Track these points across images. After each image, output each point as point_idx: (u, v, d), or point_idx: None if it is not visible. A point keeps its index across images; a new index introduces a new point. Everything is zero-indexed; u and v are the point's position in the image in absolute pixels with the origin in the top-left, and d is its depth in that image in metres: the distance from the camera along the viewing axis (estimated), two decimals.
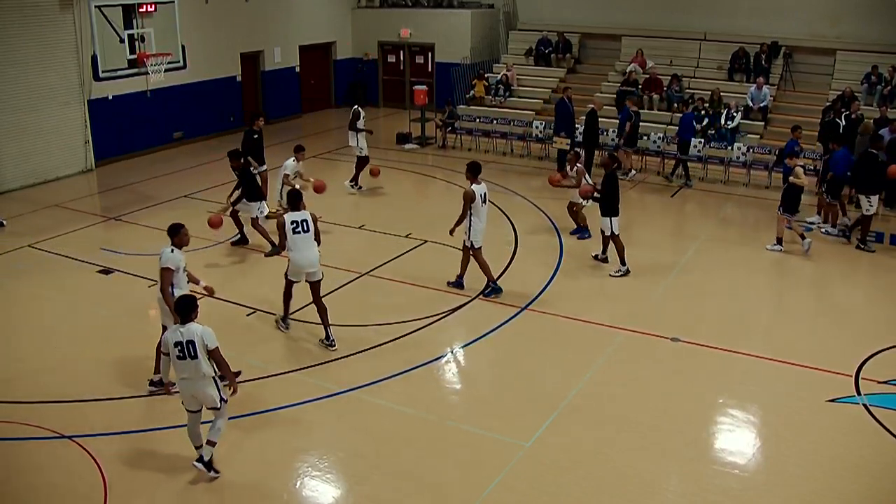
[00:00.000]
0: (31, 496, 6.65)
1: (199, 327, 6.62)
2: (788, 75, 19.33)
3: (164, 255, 7.87)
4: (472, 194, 10.05)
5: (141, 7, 15.00)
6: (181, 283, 7.99)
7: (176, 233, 7.98)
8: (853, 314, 10.54)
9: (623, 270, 11.27)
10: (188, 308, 6.66)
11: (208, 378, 6.65)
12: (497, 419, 7.74)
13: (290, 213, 9.19)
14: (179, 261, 7.91)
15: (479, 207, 10.14)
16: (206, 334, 6.58)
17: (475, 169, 10.18)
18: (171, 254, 7.88)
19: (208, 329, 6.63)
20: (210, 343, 6.56)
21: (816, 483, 6.85)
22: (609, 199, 11.16)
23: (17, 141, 15.57)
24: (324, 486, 6.85)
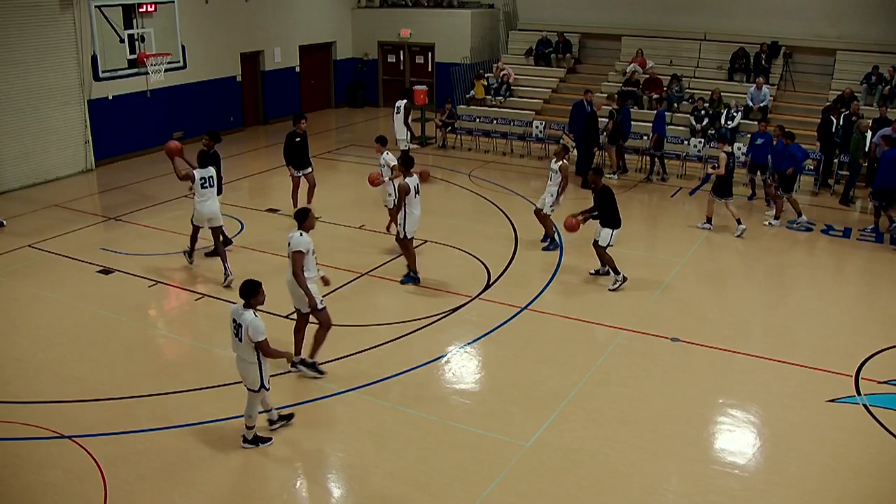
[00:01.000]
0: (31, 496, 6.65)
1: (251, 317, 6.86)
2: (788, 75, 19.33)
3: (294, 239, 8.15)
4: (407, 187, 10.38)
5: (141, 7, 15.02)
6: (310, 265, 8.26)
7: (304, 217, 8.29)
8: (853, 314, 10.53)
9: (620, 280, 10.79)
10: (249, 292, 6.91)
11: (251, 364, 6.96)
12: (497, 419, 7.74)
13: (199, 170, 10.81)
14: (309, 244, 8.18)
15: (412, 199, 10.49)
16: (254, 326, 6.81)
17: (408, 162, 10.56)
18: (300, 237, 8.16)
19: (258, 322, 6.84)
20: (254, 336, 6.81)
21: (816, 483, 6.85)
22: (608, 213, 10.73)
23: (17, 141, 15.57)
24: (324, 485, 6.85)
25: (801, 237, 13.26)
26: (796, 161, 13.55)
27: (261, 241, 12.66)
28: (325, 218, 13.73)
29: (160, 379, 8.49)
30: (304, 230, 8.23)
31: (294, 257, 8.09)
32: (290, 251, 8.15)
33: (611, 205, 10.74)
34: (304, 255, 8.08)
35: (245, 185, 16.46)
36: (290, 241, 8.19)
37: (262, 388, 7.06)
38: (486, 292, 10.77)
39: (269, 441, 7.33)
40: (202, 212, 10.87)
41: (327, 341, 8.55)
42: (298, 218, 8.32)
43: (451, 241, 12.64)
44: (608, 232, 10.76)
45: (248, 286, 6.95)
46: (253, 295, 6.91)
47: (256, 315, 6.90)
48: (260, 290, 6.98)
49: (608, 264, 10.86)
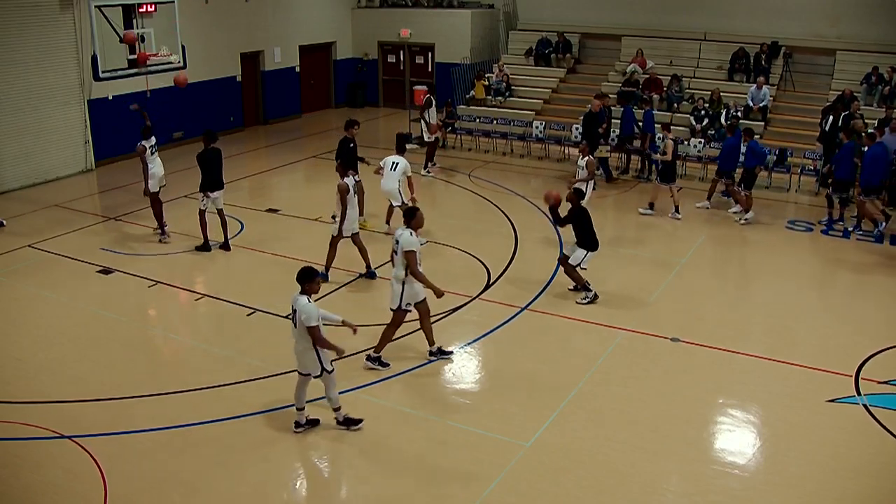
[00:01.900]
0: (31, 496, 6.65)
1: (304, 302, 7.00)
2: (788, 75, 19.33)
3: (404, 238, 8.30)
4: (347, 186, 10.57)
5: (141, 7, 15.00)
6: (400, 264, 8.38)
7: (413, 216, 8.46)
8: (853, 314, 10.53)
9: (591, 297, 10.42)
10: (304, 278, 7.07)
11: (307, 350, 7.10)
12: (497, 419, 7.74)
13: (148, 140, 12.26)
14: (418, 242, 8.38)
15: (352, 198, 10.68)
16: (306, 312, 6.94)
17: (350, 164, 10.84)
18: (410, 237, 8.29)
19: (311, 308, 6.97)
20: (306, 321, 6.93)
21: (816, 483, 6.85)
22: (584, 234, 10.40)
23: (17, 141, 15.57)
24: (324, 485, 6.85)
25: (802, 238, 13.26)
26: (757, 157, 13.79)
27: (261, 241, 12.65)
28: (325, 218, 13.73)
29: (160, 379, 8.49)
30: (413, 229, 8.38)
31: (407, 257, 8.25)
32: (400, 250, 8.28)
33: (586, 226, 10.39)
34: (416, 254, 8.25)
35: (245, 185, 16.45)
36: (399, 239, 8.31)
37: (323, 371, 7.18)
38: (486, 292, 10.77)
39: (359, 423, 7.50)
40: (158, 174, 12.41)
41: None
42: (407, 216, 8.48)
43: (451, 241, 12.64)
44: (582, 253, 10.42)
45: (303, 272, 7.10)
46: (308, 281, 7.07)
47: (310, 301, 7.00)
48: (316, 277, 7.13)
49: (576, 282, 10.55)
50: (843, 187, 13.43)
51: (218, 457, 7.16)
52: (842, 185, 13.42)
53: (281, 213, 14.23)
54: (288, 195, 15.80)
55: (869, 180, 12.95)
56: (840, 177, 13.36)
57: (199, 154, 11.93)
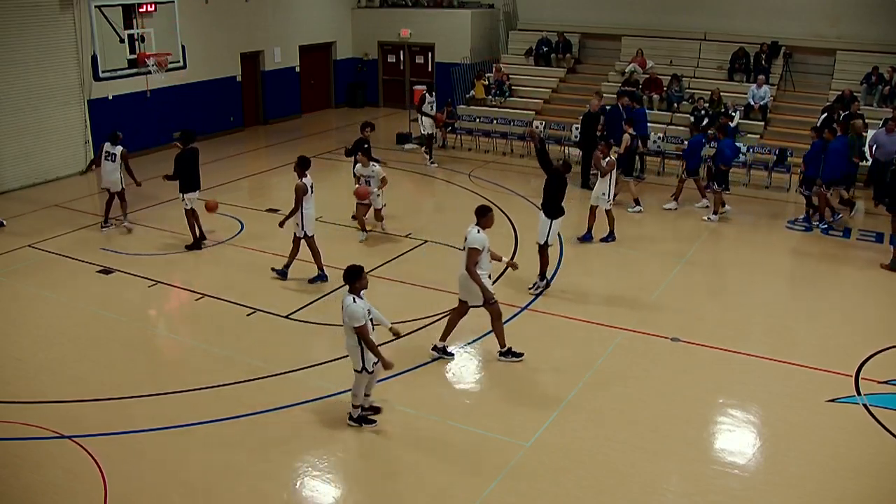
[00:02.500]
0: (31, 496, 6.65)
1: (349, 302, 7.09)
2: (788, 75, 19.32)
3: (471, 235, 8.37)
4: (304, 187, 10.58)
5: (141, 7, 15.01)
6: (484, 263, 8.49)
7: (484, 215, 8.53)
8: (853, 314, 10.53)
9: (541, 286, 10.63)
10: (350, 276, 7.16)
11: (354, 346, 7.20)
12: (497, 419, 7.74)
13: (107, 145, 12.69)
14: (485, 241, 8.41)
15: (310, 198, 10.73)
16: (351, 311, 7.04)
17: (304, 163, 10.77)
18: (477, 234, 8.35)
19: (354, 307, 7.05)
20: (351, 321, 7.03)
21: (816, 483, 6.85)
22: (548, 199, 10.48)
23: (17, 141, 15.57)
24: (324, 486, 6.85)
25: (801, 237, 13.26)
26: (724, 157, 13.89)
27: (261, 241, 12.65)
28: (325, 218, 13.74)
29: (160, 379, 8.49)
30: (482, 227, 8.46)
31: (469, 253, 8.34)
32: (465, 246, 8.36)
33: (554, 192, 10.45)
34: (479, 252, 8.32)
35: (245, 185, 16.45)
36: (468, 236, 8.44)
37: (363, 370, 7.24)
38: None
39: (373, 423, 7.55)
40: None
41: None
42: (480, 214, 8.56)
43: (451, 241, 12.63)
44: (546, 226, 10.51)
45: (349, 271, 7.18)
46: (354, 280, 7.14)
47: (356, 300, 7.07)
48: (361, 275, 7.19)
49: (542, 266, 10.60)
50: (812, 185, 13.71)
51: (218, 457, 7.16)
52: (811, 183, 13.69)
53: (281, 213, 14.19)
54: (288, 195, 15.71)
55: (831, 174, 13.39)
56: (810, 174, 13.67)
57: (178, 155, 12.03)
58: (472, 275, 8.40)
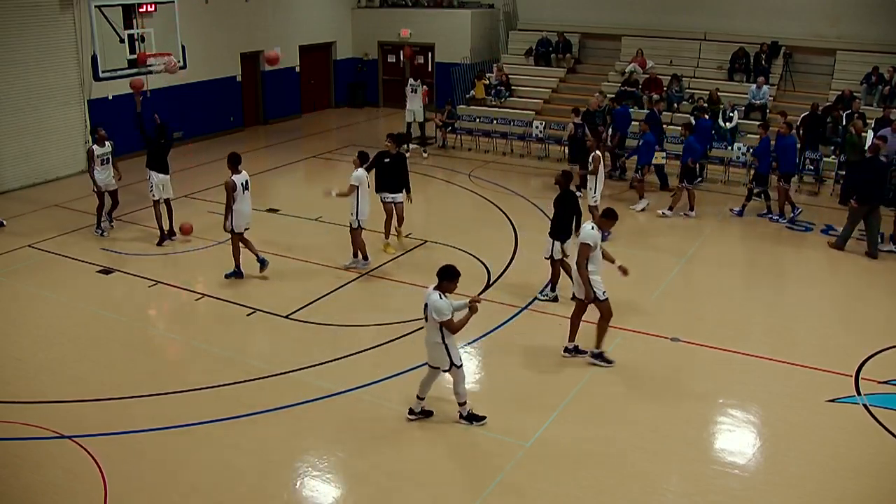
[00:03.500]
0: (31, 496, 6.65)
1: (435, 298, 7.09)
2: (788, 75, 19.33)
3: (585, 231, 8.48)
4: (233, 183, 10.63)
5: (141, 7, 14.99)
6: (596, 259, 8.50)
7: (608, 216, 8.65)
8: (853, 314, 10.53)
9: (551, 297, 10.45)
10: (444, 275, 7.16)
11: (436, 343, 7.22)
12: (497, 419, 7.74)
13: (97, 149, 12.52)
14: (598, 238, 8.43)
15: (241, 195, 10.71)
16: (437, 306, 7.05)
17: (235, 160, 10.78)
18: (591, 231, 8.39)
19: (441, 303, 7.05)
20: (437, 316, 7.06)
21: (816, 483, 6.85)
22: (559, 220, 10.20)
23: (17, 141, 15.57)
24: (324, 486, 6.85)
25: (801, 237, 13.26)
26: (694, 152, 14.10)
27: (261, 241, 12.63)
28: (325, 218, 13.74)
29: (160, 379, 8.48)
30: (598, 226, 8.56)
31: (581, 249, 8.38)
32: (578, 241, 8.47)
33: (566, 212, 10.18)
34: (590, 248, 8.35)
35: None
36: (582, 231, 8.52)
37: (452, 365, 7.29)
38: (486, 292, 10.76)
39: (483, 420, 7.56)
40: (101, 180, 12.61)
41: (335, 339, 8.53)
42: (604, 214, 8.63)
43: (451, 241, 12.64)
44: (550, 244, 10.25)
45: (443, 270, 7.18)
46: (445, 279, 7.15)
47: (443, 297, 7.08)
48: (455, 278, 7.16)
49: (553, 278, 10.42)
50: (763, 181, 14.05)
51: (218, 457, 7.16)
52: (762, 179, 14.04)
53: (281, 213, 14.23)
54: (288, 195, 15.79)
55: (786, 168, 13.90)
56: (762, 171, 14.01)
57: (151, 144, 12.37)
58: (580, 270, 8.45)
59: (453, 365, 7.32)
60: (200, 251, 12.22)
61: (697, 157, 14.32)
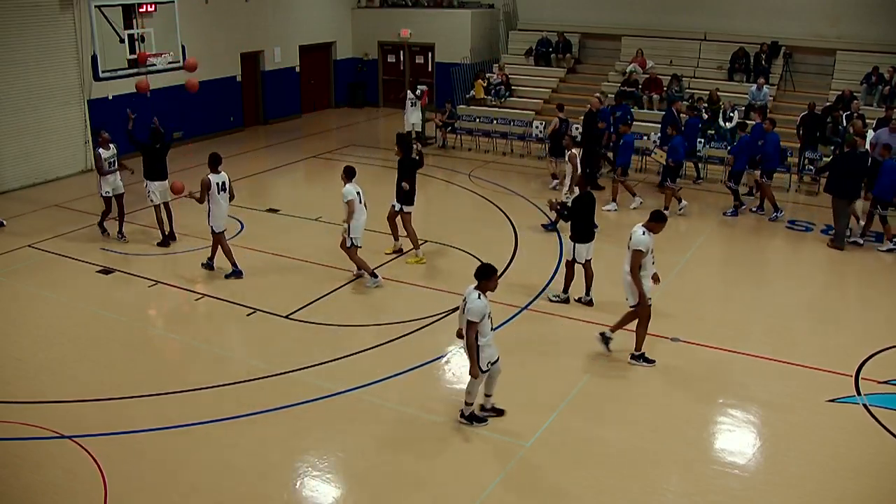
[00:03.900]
0: (31, 496, 6.65)
1: (474, 297, 7.06)
2: (788, 75, 19.33)
3: (636, 236, 8.46)
4: (209, 182, 10.74)
5: (141, 7, 14.98)
6: (647, 265, 8.53)
7: (657, 220, 8.55)
8: (853, 314, 10.53)
9: (562, 298, 10.34)
10: (482, 274, 7.16)
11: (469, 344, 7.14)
12: (497, 419, 7.73)
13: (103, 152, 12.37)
14: (650, 243, 8.47)
15: (216, 195, 10.81)
16: (473, 307, 7.03)
17: (215, 160, 10.93)
18: (642, 236, 8.40)
19: (480, 303, 7.02)
20: (469, 315, 7.04)
21: (816, 483, 6.85)
22: (578, 223, 10.13)
23: (17, 141, 15.57)
24: (324, 486, 6.85)
25: (801, 237, 13.26)
26: (677, 153, 14.26)
27: (261, 241, 12.65)
28: (325, 218, 13.74)
29: (160, 379, 8.48)
30: (649, 230, 8.48)
31: (633, 255, 8.38)
32: (630, 246, 8.43)
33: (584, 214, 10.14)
34: (642, 254, 8.36)
35: (245, 185, 16.42)
36: (632, 236, 8.48)
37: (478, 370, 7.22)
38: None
39: (484, 422, 7.53)
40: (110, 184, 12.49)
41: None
42: (654, 218, 8.54)
43: (451, 241, 12.64)
44: (571, 247, 10.20)
45: (482, 269, 7.17)
46: (484, 278, 7.12)
47: (480, 297, 7.05)
48: (493, 276, 7.13)
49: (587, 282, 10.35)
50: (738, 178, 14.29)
51: (218, 457, 7.16)
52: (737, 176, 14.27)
53: (281, 213, 14.23)
54: (288, 195, 15.80)
55: (771, 165, 14.15)
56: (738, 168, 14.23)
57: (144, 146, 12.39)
58: (633, 276, 8.41)
59: (480, 370, 7.23)
60: (200, 251, 12.20)
61: (680, 158, 14.46)
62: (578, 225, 10.15)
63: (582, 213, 10.15)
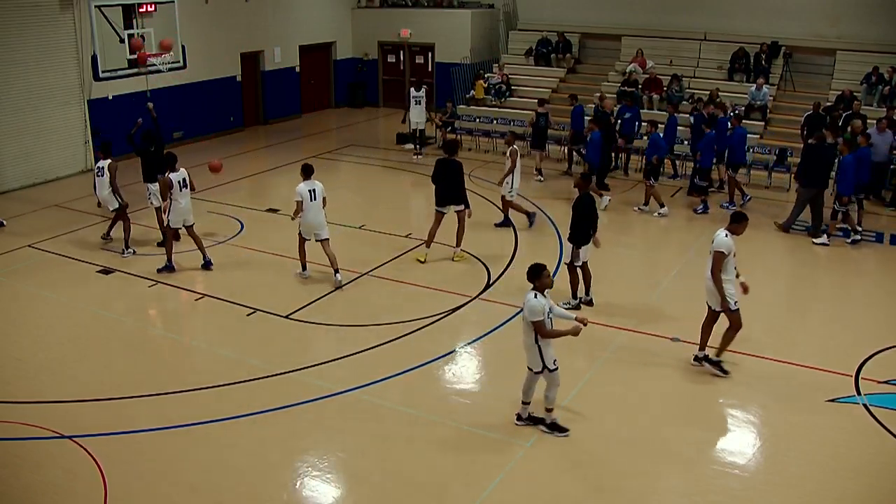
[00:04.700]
0: (31, 496, 6.65)
1: (531, 296, 7.07)
2: (788, 75, 19.32)
3: (718, 238, 8.31)
4: (170, 181, 11.01)
5: (141, 7, 15.01)
6: (729, 268, 8.34)
7: (738, 221, 8.41)
8: (853, 314, 10.53)
9: (573, 304, 10.15)
10: (532, 274, 7.16)
11: (531, 345, 7.15)
12: (497, 419, 7.74)
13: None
14: (731, 246, 8.25)
15: (178, 192, 11.04)
16: (530, 306, 7.02)
17: (171, 159, 11.18)
18: (724, 238, 8.28)
19: (536, 302, 7.01)
20: (529, 315, 7.02)
21: (816, 483, 6.85)
22: (577, 224, 10.01)
23: (17, 141, 15.57)
24: (324, 486, 6.85)
25: (800, 237, 13.24)
26: (659, 149, 14.36)
27: (261, 241, 12.65)
28: (326, 217, 13.72)
29: (160, 379, 8.48)
30: (731, 232, 8.35)
31: (714, 256, 8.25)
32: (711, 249, 8.33)
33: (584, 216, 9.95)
34: (724, 256, 8.20)
35: (245, 185, 16.45)
36: (715, 239, 8.33)
37: (544, 368, 7.22)
38: (486, 292, 10.76)
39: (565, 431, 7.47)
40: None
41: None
42: (735, 219, 8.44)
43: (451, 240, 12.63)
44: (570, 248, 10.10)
45: (532, 269, 7.17)
46: (535, 277, 7.12)
47: (537, 296, 7.04)
48: (543, 273, 7.14)
49: (586, 282, 10.24)
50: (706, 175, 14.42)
51: (218, 457, 7.16)
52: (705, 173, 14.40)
53: (281, 213, 14.22)
54: (288, 195, 15.74)
55: (736, 159, 14.63)
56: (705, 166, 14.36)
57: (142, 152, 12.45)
58: (714, 279, 8.28)
59: (545, 367, 7.21)
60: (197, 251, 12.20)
61: (663, 154, 14.52)
62: (578, 227, 10.05)
63: (582, 215, 10.03)
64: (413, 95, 18.53)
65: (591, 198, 10.22)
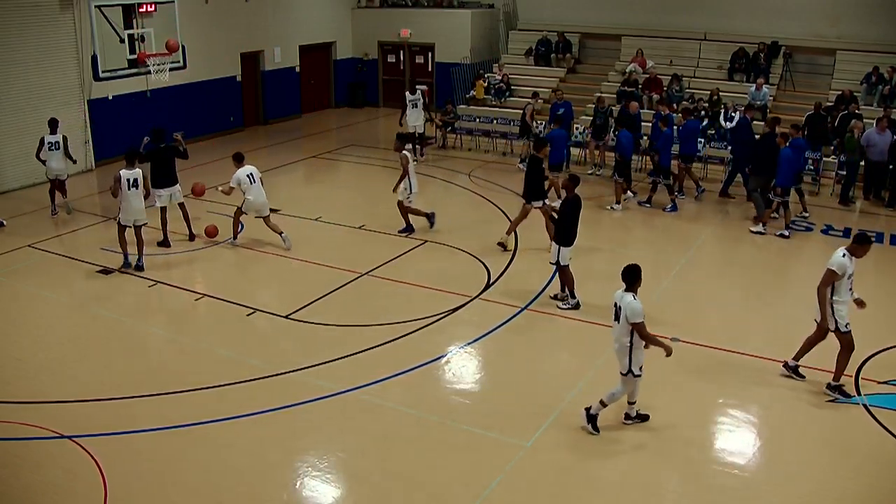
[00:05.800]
0: (31, 496, 6.65)
1: (629, 300, 7.12)
2: (788, 75, 19.33)
3: (834, 257, 8.08)
4: (119, 177, 11.16)
5: (141, 7, 15.00)
6: (843, 288, 8.07)
7: (861, 243, 8.15)
8: (853, 314, 10.50)
9: (572, 304, 10.23)
10: (629, 276, 7.22)
11: (623, 346, 7.19)
12: (497, 419, 7.74)
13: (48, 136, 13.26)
14: (847, 267, 7.99)
15: (128, 190, 11.19)
16: (630, 308, 7.06)
17: (130, 156, 11.34)
18: (841, 258, 8.05)
19: (636, 304, 7.08)
20: (631, 317, 7.06)
21: (816, 483, 6.85)
22: (562, 226, 10.07)
23: (17, 141, 15.55)
24: (324, 486, 6.85)
25: (801, 237, 13.25)
26: (623, 147, 14.55)
27: (261, 241, 12.64)
28: (325, 218, 13.75)
29: (160, 379, 8.48)
30: (851, 253, 8.08)
31: (826, 274, 8.06)
32: (826, 265, 8.15)
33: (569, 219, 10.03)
34: (834, 275, 7.99)
35: None
36: (833, 256, 8.14)
37: (629, 373, 7.23)
38: (486, 292, 10.76)
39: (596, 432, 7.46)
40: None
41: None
42: (857, 240, 8.20)
43: (451, 241, 12.64)
44: (556, 249, 10.10)
45: (628, 271, 7.22)
46: (636, 279, 7.19)
47: (636, 298, 7.09)
48: (639, 274, 7.19)
49: (568, 286, 10.26)
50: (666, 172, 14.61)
51: (217, 457, 7.16)
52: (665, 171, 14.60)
53: (281, 213, 14.21)
54: (288, 195, 15.78)
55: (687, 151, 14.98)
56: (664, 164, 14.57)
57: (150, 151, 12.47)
58: (819, 295, 8.07)
59: (630, 372, 7.24)
60: (200, 251, 12.22)
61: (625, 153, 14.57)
62: (566, 228, 10.09)
63: (570, 217, 10.10)
64: (409, 99, 18.35)
65: (579, 200, 10.21)
